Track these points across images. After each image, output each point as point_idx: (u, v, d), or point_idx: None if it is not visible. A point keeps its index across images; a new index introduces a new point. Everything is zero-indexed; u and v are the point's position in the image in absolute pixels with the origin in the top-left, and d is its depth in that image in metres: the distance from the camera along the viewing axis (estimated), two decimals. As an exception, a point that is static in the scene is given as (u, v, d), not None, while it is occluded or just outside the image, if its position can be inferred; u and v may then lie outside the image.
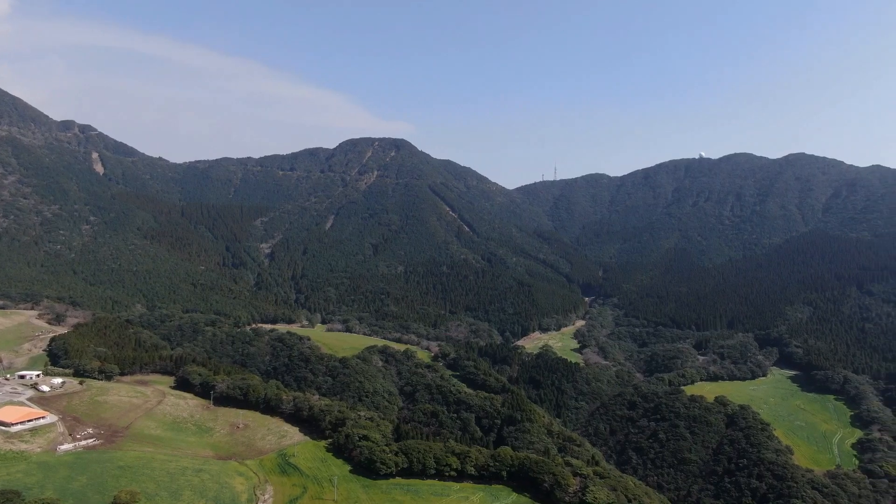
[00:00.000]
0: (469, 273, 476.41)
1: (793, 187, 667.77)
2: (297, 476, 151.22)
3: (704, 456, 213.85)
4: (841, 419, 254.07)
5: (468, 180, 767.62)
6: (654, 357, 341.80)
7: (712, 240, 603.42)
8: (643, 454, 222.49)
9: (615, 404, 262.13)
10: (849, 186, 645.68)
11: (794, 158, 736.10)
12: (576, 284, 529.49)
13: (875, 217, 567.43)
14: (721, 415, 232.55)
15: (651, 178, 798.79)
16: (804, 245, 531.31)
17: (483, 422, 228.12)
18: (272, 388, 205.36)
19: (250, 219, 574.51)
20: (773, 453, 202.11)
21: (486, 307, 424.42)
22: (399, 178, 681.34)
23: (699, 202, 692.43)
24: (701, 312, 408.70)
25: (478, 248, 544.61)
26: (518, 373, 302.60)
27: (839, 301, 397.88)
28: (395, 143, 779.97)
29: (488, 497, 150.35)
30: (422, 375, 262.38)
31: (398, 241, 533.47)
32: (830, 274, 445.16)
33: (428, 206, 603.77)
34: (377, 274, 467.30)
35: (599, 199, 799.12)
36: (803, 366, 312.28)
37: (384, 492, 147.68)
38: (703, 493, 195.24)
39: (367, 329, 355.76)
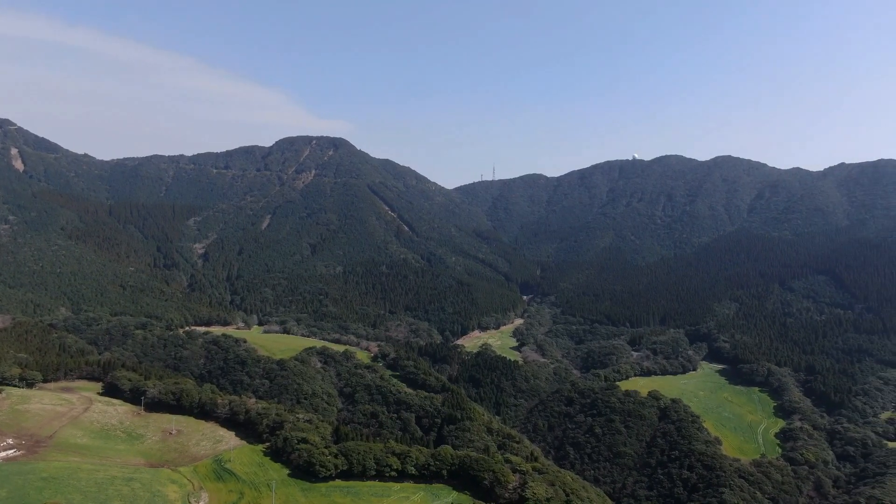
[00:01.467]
0: (409, 273, 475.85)
1: (720, 188, 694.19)
2: (233, 482, 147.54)
3: (639, 449, 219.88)
4: (765, 410, 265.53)
5: (407, 180, 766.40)
6: (591, 354, 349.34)
7: (645, 239, 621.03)
8: (580, 449, 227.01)
9: (553, 401, 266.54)
10: (771, 188, 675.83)
11: (721, 160, 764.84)
12: (514, 283, 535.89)
13: (795, 217, 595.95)
14: (654, 408, 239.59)
15: (587, 179, 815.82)
16: (731, 244, 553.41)
17: (423, 421, 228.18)
18: (207, 392, 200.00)
19: (183, 218, 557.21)
20: (703, 444, 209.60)
21: (426, 307, 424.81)
22: (337, 177, 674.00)
23: (633, 202, 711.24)
24: (635, 310, 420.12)
25: (417, 247, 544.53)
26: (458, 372, 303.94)
27: (763, 297, 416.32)
28: (334, 141, 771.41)
29: (429, 496, 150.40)
30: (361, 376, 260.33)
31: (337, 241, 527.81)
32: (755, 271, 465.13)
33: (367, 206, 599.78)
34: (315, 274, 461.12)
35: (537, 199, 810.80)
36: (730, 360, 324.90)
37: (323, 495, 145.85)
38: (637, 485, 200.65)
39: (305, 330, 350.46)
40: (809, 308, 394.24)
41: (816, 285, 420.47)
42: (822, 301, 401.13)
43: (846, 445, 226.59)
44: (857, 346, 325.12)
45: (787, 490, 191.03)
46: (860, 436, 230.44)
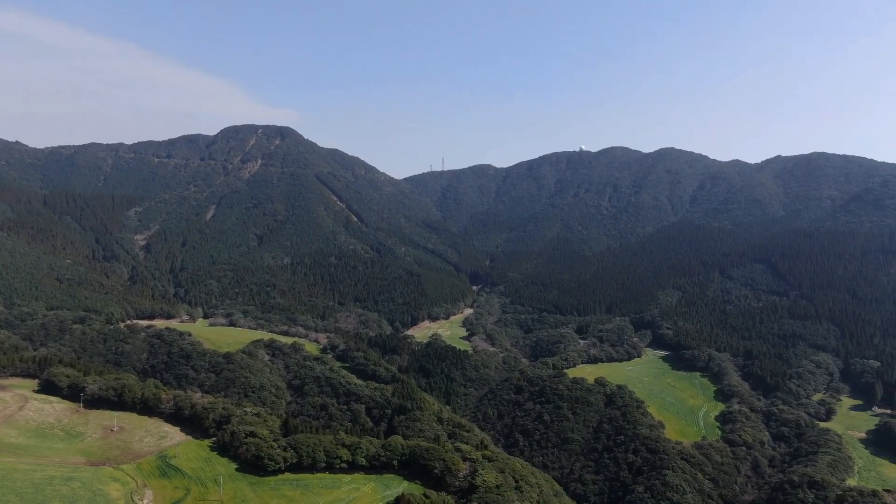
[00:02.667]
0: (358, 263, 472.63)
1: (664, 179, 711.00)
2: (179, 478, 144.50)
3: (586, 434, 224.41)
4: (706, 394, 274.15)
5: (356, 170, 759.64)
6: (539, 342, 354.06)
7: (592, 229, 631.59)
8: (529, 436, 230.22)
9: (502, 389, 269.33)
10: (712, 179, 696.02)
11: (664, 152, 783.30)
12: (464, 273, 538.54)
13: (735, 208, 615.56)
14: (601, 395, 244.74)
15: (535, 170, 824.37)
16: (674, 234, 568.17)
17: (374, 412, 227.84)
18: (150, 387, 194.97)
19: (123, 209, 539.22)
20: (647, 429, 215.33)
21: (376, 297, 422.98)
22: (284, 166, 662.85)
23: (580, 193, 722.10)
24: (582, 298, 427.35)
25: (367, 238, 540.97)
26: (408, 362, 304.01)
27: (704, 285, 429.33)
28: (280, 130, 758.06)
29: (379, 487, 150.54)
30: (310, 368, 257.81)
31: (284, 232, 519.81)
32: (697, 260, 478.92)
33: (315, 196, 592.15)
34: (262, 266, 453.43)
35: (486, 189, 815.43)
36: (673, 346, 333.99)
37: (272, 488, 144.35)
38: (584, 470, 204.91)
39: (252, 322, 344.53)
40: (747, 295, 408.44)
41: (754, 273, 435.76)
42: (760, 288, 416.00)
43: (781, 426, 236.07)
44: (792, 332, 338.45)
45: (727, 470, 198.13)
46: (794, 417, 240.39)
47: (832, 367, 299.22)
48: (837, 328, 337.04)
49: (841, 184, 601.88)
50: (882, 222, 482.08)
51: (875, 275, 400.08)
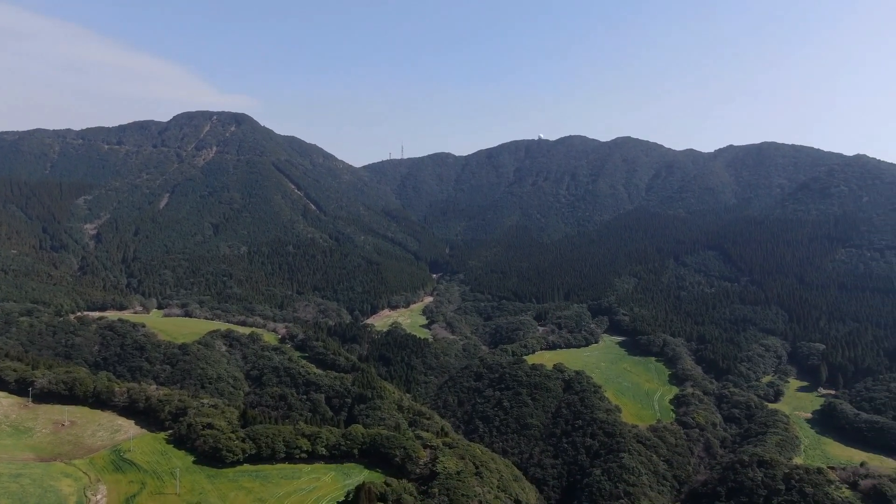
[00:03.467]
0: (316, 252, 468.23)
1: (620, 168, 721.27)
2: (133, 472, 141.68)
3: (545, 420, 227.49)
4: (661, 378, 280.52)
5: (314, 157, 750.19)
6: (499, 329, 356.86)
7: (550, 217, 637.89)
8: (489, 422, 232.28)
9: (462, 376, 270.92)
10: (667, 168, 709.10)
11: (621, 141, 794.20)
12: (424, 262, 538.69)
13: (689, 196, 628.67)
14: (559, 380, 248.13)
15: (494, 158, 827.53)
16: (630, 221, 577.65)
17: (333, 401, 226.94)
18: (102, 380, 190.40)
19: (71, 197, 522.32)
20: (605, 413, 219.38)
21: (335, 286, 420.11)
22: (240, 154, 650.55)
23: (538, 182, 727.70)
24: (540, 286, 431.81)
25: (325, 226, 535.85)
26: (368, 351, 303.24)
27: (659, 272, 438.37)
28: (236, 117, 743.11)
29: (340, 476, 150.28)
30: (269, 358, 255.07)
31: (241, 221, 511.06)
32: (652, 248, 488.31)
33: (272, 184, 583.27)
34: (218, 255, 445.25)
35: (445, 177, 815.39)
36: (629, 332, 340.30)
37: (231, 480, 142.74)
38: (543, 455, 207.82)
39: (208, 313, 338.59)
40: (701, 282, 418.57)
41: (707, 260, 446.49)
42: (712, 275, 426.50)
43: (732, 408, 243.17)
44: (743, 316, 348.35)
45: (680, 452, 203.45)
46: (744, 399, 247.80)
47: (780, 351, 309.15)
48: (786, 312, 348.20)
49: (790, 173, 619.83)
50: (828, 210, 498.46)
51: (821, 261, 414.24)
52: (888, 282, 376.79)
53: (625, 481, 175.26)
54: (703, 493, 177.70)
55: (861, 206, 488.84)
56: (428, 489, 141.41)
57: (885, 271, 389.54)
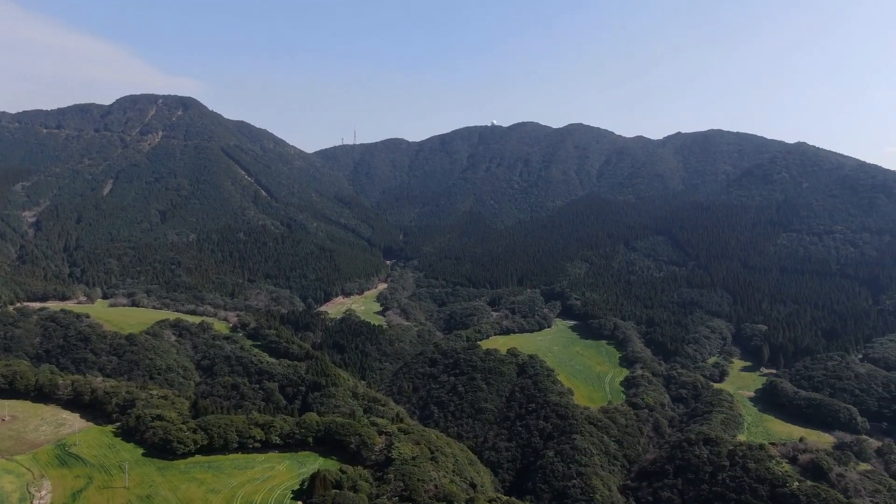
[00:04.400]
0: (268, 239, 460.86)
1: (572, 155, 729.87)
2: (80, 467, 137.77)
3: (499, 404, 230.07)
4: (611, 361, 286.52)
5: (264, 143, 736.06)
6: (453, 315, 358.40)
7: (504, 203, 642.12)
8: (444, 407, 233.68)
9: (417, 362, 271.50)
10: (618, 154, 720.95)
11: (573, 128, 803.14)
12: (377, 248, 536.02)
13: (638, 182, 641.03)
14: (513, 365, 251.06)
15: (447, 144, 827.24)
16: (582, 207, 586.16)
17: (287, 390, 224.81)
18: (45, 373, 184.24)
19: (8, 183, 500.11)
20: (557, 396, 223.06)
21: (288, 274, 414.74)
22: (188, 139, 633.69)
23: (492, 168, 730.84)
24: (494, 271, 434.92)
25: (277, 213, 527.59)
26: (322, 338, 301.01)
27: (610, 257, 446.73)
28: (183, 101, 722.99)
29: (294, 464, 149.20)
30: (220, 347, 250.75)
31: (189, 207, 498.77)
32: (603, 233, 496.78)
33: (221, 170, 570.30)
34: (166, 243, 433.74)
35: (399, 163, 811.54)
36: (581, 316, 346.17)
37: (182, 472, 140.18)
38: (498, 438, 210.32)
39: (156, 302, 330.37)
40: (650, 266, 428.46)
41: (656, 245, 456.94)
42: (661, 259, 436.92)
43: (680, 389, 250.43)
44: (690, 299, 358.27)
45: (630, 432, 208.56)
46: (691, 379, 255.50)
47: (725, 332, 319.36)
48: (730, 295, 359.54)
49: (735, 159, 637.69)
50: (770, 196, 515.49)
51: (764, 245, 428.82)
52: (826, 265, 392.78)
53: (577, 462, 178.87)
54: (652, 472, 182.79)
55: (801, 192, 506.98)
56: (384, 475, 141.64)
57: (822, 255, 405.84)
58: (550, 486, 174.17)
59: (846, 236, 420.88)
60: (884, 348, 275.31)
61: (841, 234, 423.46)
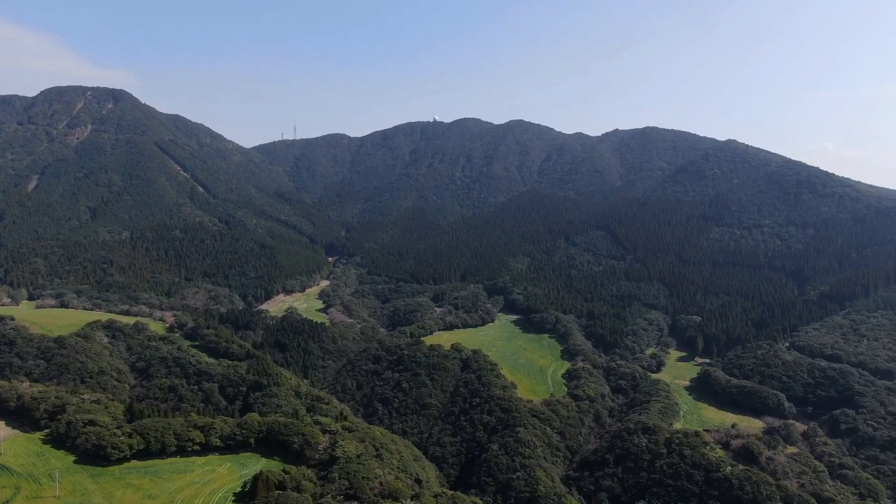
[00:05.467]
0: (206, 237, 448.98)
1: (514, 151, 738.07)
2: (5, 477, 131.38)
3: (443, 399, 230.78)
4: (553, 354, 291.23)
5: (201, 137, 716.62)
6: (397, 312, 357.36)
7: (446, 199, 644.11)
8: (388, 404, 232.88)
9: (361, 360, 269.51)
10: (558, 151, 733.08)
11: (514, 125, 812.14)
12: (319, 245, 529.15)
13: (578, 178, 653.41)
14: (457, 360, 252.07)
15: (390, 140, 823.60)
16: (523, 203, 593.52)
17: (228, 391, 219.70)
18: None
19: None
20: (501, 389, 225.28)
21: (226, 272, 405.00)
22: (119, 133, 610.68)
23: (434, 163, 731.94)
24: (437, 267, 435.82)
25: (214, 209, 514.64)
26: (263, 337, 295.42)
27: (551, 252, 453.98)
28: (113, 93, 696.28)
29: (236, 466, 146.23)
30: (156, 349, 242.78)
31: (121, 204, 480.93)
32: (544, 228, 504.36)
33: (155, 165, 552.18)
34: (97, 241, 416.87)
35: (340, 159, 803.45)
36: (524, 310, 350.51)
37: (118, 478, 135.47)
38: (442, 433, 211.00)
39: (87, 303, 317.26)
40: (590, 260, 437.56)
41: (595, 240, 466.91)
42: (600, 254, 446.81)
43: (619, 380, 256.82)
44: (628, 293, 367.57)
45: (572, 423, 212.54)
46: (630, 370, 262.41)
47: (662, 324, 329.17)
48: (666, 288, 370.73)
49: (670, 156, 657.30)
50: (703, 191, 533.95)
51: (697, 239, 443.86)
52: (755, 258, 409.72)
53: (521, 454, 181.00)
54: (594, 461, 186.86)
55: (732, 187, 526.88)
56: (328, 474, 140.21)
57: (752, 248, 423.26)
58: (495, 479, 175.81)
59: (773, 230, 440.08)
60: (808, 336, 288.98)
61: (769, 228, 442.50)
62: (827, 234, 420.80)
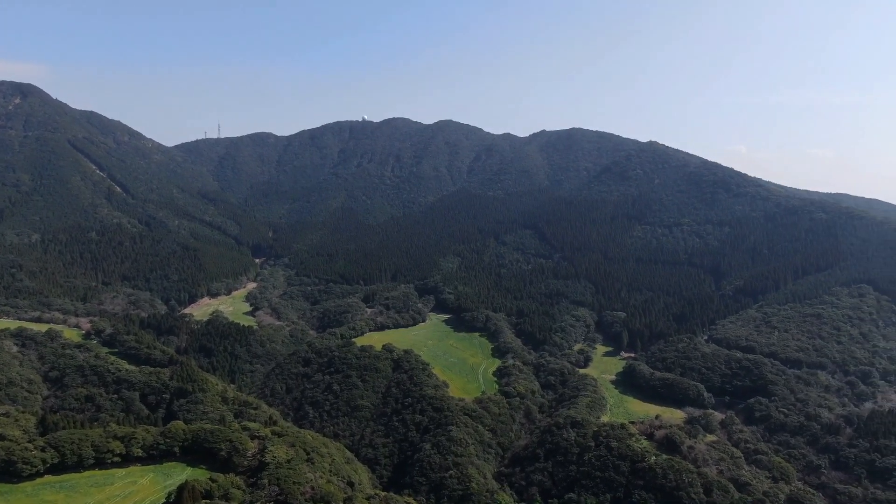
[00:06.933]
0: (125, 239, 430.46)
1: (443, 150, 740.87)
2: None
3: (375, 400, 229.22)
4: (484, 352, 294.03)
5: (118, 135, 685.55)
6: (327, 313, 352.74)
7: (376, 199, 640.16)
8: (319, 407, 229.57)
9: (290, 363, 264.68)
10: (487, 151, 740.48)
11: (443, 124, 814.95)
12: (246, 246, 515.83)
13: (506, 178, 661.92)
14: (388, 360, 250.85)
15: (318, 139, 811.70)
16: (453, 203, 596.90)
17: (150, 399, 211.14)
18: None
19: None
20: (433, 389, 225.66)
21: (147, 275, 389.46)
22: (28, 130, 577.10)
23: (363, 163, 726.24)
24: (368, 268, 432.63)
25: (134, 211, 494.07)
26: (187, 342, 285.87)
27: (481, 251, 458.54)
28: (21, 88, 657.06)
29: (160, 477, 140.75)
30: (71, 357, 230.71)
31: (31, 205, 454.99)
32: (474, 228, 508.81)
33: (68, 164, 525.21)
34: (4, 244, 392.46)
35: (267, 158, 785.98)
36: (455, 309, 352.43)
37: (29, 495, 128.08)
38: (374, 435, 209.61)
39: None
40: (519, 259, 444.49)
41: (524, 239, 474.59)
42: (529, 252, 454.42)
43: (548, 376, 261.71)
44: (556, 290, 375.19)
45: (504, 420, 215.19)
46: (559, 366, 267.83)
47: (589, 320, 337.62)
48: (593, 285, 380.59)
49: (594, 157, 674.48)
50: (626, 191, 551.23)
51: (622, 237, 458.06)
52: (675, 255, 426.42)
53: (453, 453, 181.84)
54: (525, 457, 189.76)
55: (653, 187, 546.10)
56: (257, 481, 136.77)
57: (672, 245, 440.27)
58: (428, 478, 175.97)
59: (692, 228, 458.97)
60: (725, 329, 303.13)
61: (688, 227, 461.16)
62: (741, 231, 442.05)
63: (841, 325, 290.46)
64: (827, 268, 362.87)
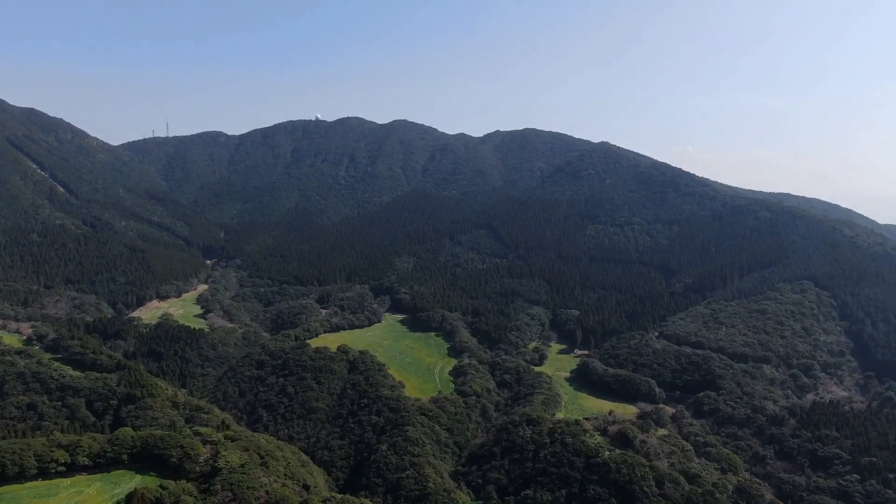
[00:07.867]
0: (68, 240, 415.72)
1: (398, 150, 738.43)
2: None
3: (330, 402, 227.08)
4: (440, 352, 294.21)
5: (60, 133, 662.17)
6: (280, 315, 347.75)
7: (330, 199, 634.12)
8: (273, 410, 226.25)
9: (243, 366, 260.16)
10: (441, 151, 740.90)
11: (398, 124, 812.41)
12: (196, 248, 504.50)
13: (461, 178, 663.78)
14: (344, 362, 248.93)
15: (270, 138, 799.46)
16: (408, 203, 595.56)
17: (96, 405, 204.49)
18: None
19: None
20: (389, 389, 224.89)
21: (93, 278, 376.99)
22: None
23: (317, 163, 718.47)
24: (322, 269, 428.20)
25: (77, 211, 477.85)
26: (136, 346, 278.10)
27: (437, 251, 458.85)
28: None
29: (107, 486, 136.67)
30: (11, 363, 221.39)
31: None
32: (429, 228, 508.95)
33: (7, 163, 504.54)
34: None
35: (217, 157, 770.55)
36: (410, 309, 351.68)
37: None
38: (330, 437, 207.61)
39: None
40: (474, 259, 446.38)
41: (479, 238, 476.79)
42: (484, 252, 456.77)
43: (504, 374, 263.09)
44: (511, 289, 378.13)
45: (460, 419, 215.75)
46: (514, 365, 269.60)
47: (544, 318, 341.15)
48: (547, 284, 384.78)
49: (548, 157, 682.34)
50: (579, 191, 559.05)
51: (575, 236, 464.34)
52: (627, 253, 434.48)
53: (410, 453, 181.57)
54: (481, 455, 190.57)
55: (605, 187, 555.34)
56: (210, 486, 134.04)
57: (624, 244, 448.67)
58: (384, 479, 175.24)
59: (643, 227, 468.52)
60: (675, 326, 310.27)
61: (639, 226, 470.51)
62: (690, 230, 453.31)
63: (784, 320, 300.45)
64: (771, 265, 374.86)
